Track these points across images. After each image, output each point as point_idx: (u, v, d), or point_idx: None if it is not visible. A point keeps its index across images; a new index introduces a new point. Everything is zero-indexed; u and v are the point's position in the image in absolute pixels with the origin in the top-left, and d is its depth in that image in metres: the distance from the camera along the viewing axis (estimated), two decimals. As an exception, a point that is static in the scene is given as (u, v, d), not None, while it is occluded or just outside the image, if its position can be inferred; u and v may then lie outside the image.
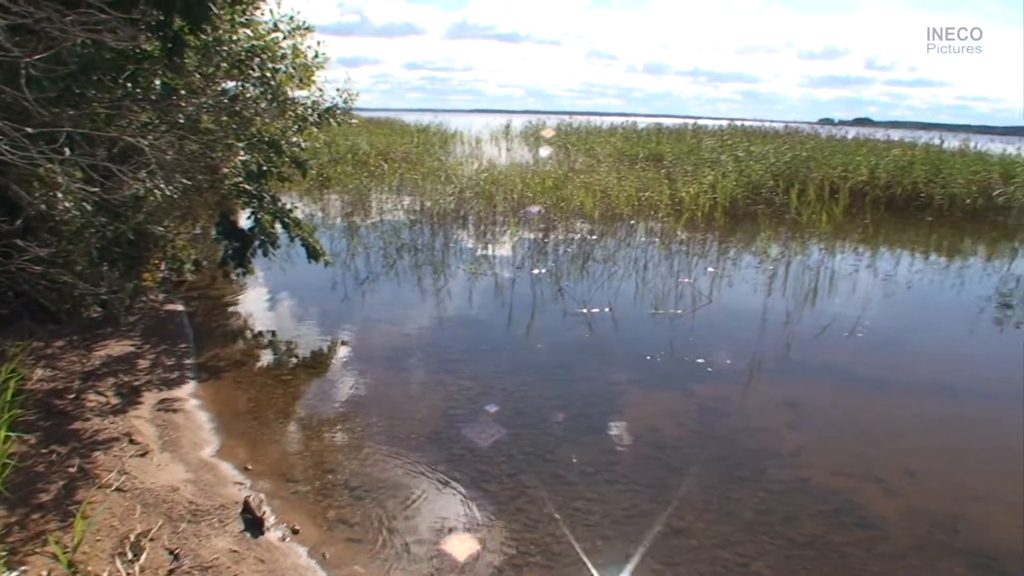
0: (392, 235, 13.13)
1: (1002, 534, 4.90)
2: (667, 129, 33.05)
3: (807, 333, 8.86)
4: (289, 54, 8.17)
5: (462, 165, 20.63)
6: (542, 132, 29.25)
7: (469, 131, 38.56)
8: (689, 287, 10.51)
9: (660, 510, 4.91)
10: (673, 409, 6.59)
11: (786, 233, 15.30)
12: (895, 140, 26.08)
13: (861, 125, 62.93)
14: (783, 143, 24.03)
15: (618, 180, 17.62)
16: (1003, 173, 20.49)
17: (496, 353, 7.89)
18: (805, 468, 5.63)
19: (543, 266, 11.41)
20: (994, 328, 9.67)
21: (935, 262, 13.87)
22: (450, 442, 5.75)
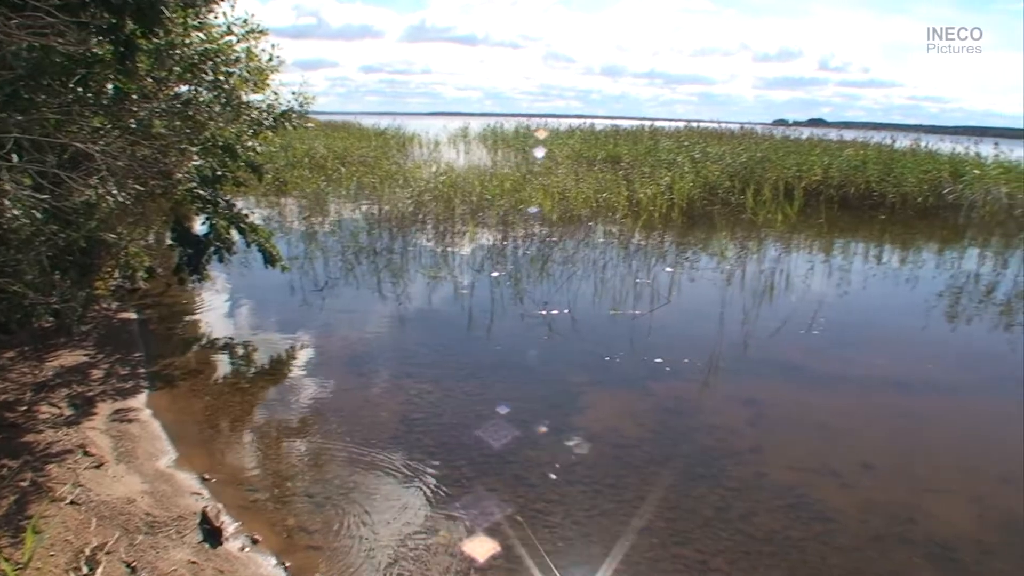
0: (350, 239, 13.04)
1: (957, 524, 5.00)
2: (624, 131, 33.21)
3: (764, 331, 8.96)
4: (243, 57, 8.08)
5: (420, 168, 20.56)
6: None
7: (427, 134, 38.45)
8: (647, 287, 10.58)
9: (621, 509, 4.94)
10: (633, 409, 6.63)
11: (743, 233, 15.49)
12: (848, 140, 26.51)
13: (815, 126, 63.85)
14: (738, 144, 24.32)
15: (576, 182, 17.70)
16: (953, 172, 20.97)
17: (457, 356, 7.86)
18: (763, 464, 5.70)
19: (502, 268, 11.42)
20: (946, 323, 9.87)
21: (888, 259, 14.12)
22: (410, 446, 5.72)
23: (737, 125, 34.69)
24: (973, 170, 21.19)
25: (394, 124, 39.95)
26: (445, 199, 15.95)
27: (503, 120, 45.71)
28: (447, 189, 16.48)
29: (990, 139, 25.34)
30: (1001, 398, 7.59)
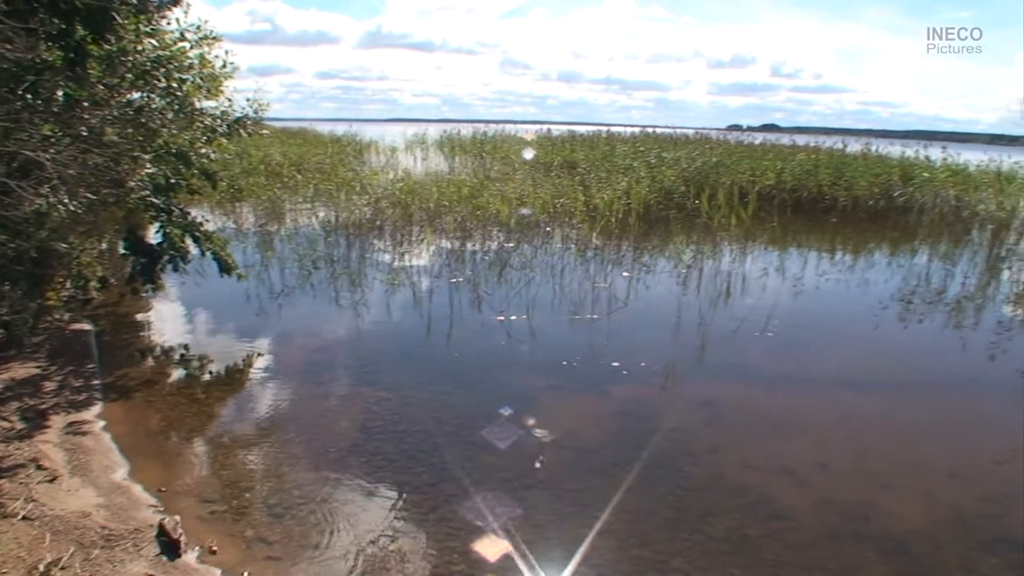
0: (307, 247, 12.94)
1: (908, 519, 5.11)
2: (581, 136, 33.41)
3: (720, 333, 9.07)
4: (196, 64, 7.99)
5: (377, 175, 20.46)
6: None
7: (384, 141, 38.31)
8: (605, 292, 10.65)
9: (582, 512, 4.97)
10: (591, 413, 6.68)
11: (698, 237, 15.65)
12: (800, 145, 26.87)
13: (768, 131, 64.76)
14: (694, 149, 24.54)
15: (533, 187, 17.74)
16: (903, 175, 21.38)
17: (415, 363, 7.84)
18: (720, 465, 5.78)
19: (461, 275, 11.42)
20: (898, 324, 10.07)
21: (841, 261, 14.37)
22: (369, 454, 5.71)
23: (692, 130, 34.98)
24: (922, 173, 21.62)
25: (351, 131, 39.70)
26: (403, 206, 15.91)
27: (460, 126, 45.68)
28: (405, 196, 16.43)
29: (939, 143, 25.90)
30: (951, 396, 7.80)
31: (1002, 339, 9.55)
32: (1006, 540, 4.92)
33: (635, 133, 33.39)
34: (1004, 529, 5.07)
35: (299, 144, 28.89)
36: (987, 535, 4.98)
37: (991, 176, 21.85)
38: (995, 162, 22.82)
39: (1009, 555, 4.73)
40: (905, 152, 24.27)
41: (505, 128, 43.70)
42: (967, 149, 27.66)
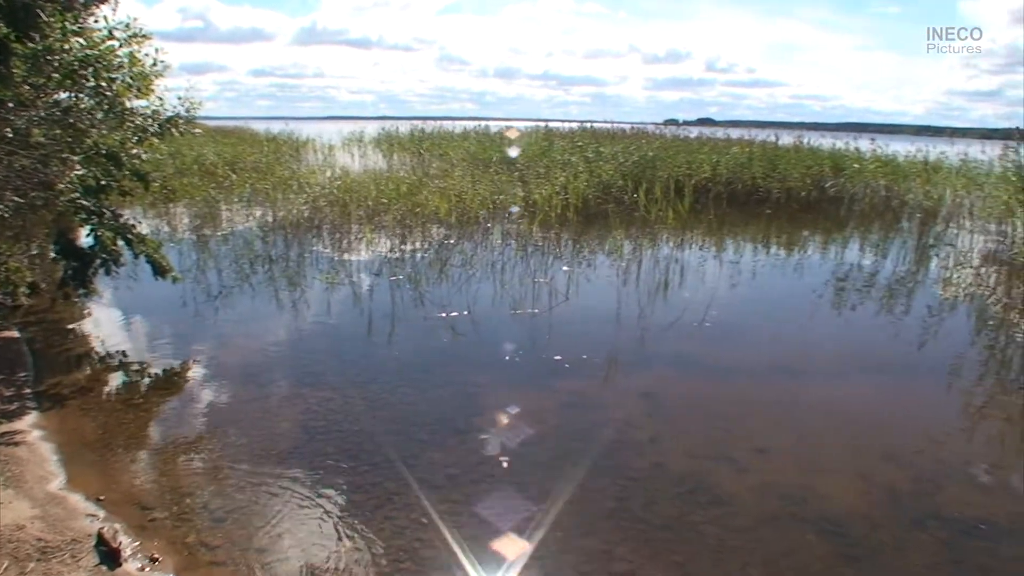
0: (244, 247, 12.76)
1: (845, 501, 5.25)
2: (519, 132, 33.42)
3: (660, 325, 9.20)
4: (126, 63, 7.82)
5: (315, 174, 20.22)
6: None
7: (321, 139, 37.89)
8: (546, 286, 10.71)
9: (525, 505, 5.00)
10: (534, 407, 6.70)
11: (636, 230, 15.82)
12: (735, 138, 27.29)
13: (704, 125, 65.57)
14: (631, 143, 24.72)
15: (472, 184, 17.73)
16: (834, 166, 21.94)
17: (357, 362, 7.80)
18: (662, 454, 5.86)
19: (401, 272, 11.37)
20: (832, 312, 10.32)
21: (776, 252, 14.68)
22: (312, 455, 5.66)
23: (629, 125, 35.26)
24: (853, 165, 22.20)
25: (287, 129, 39.21)
26: (341, 204, 15.77)
27: (398, 124, 45.41)
28: (343, 194, 16.28)
29: (869, 135, 26.51)
30: (884, 380, 8.03)
31: (932, 323, 9.86)
32: (938, 517, 5.08)
33: (573, 128, 33.50)
34: (936, 507, 5.23)
35: (234, 143, 28.42)
36: (920, 513, 5.14)
37: (919, 166, 22.51)
38: (922, 152, 23.48)
39: (940, 532, 4.89)
40: (836, 144, 24.85)
41: (443, 125, 43.54)
42: (896, 140, 28.35)
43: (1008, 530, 4.99)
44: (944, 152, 23.97)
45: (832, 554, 4.61)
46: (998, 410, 7.23)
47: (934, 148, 24.46)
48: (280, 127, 40.51)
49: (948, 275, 12.92)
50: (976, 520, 5.04)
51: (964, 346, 9.00)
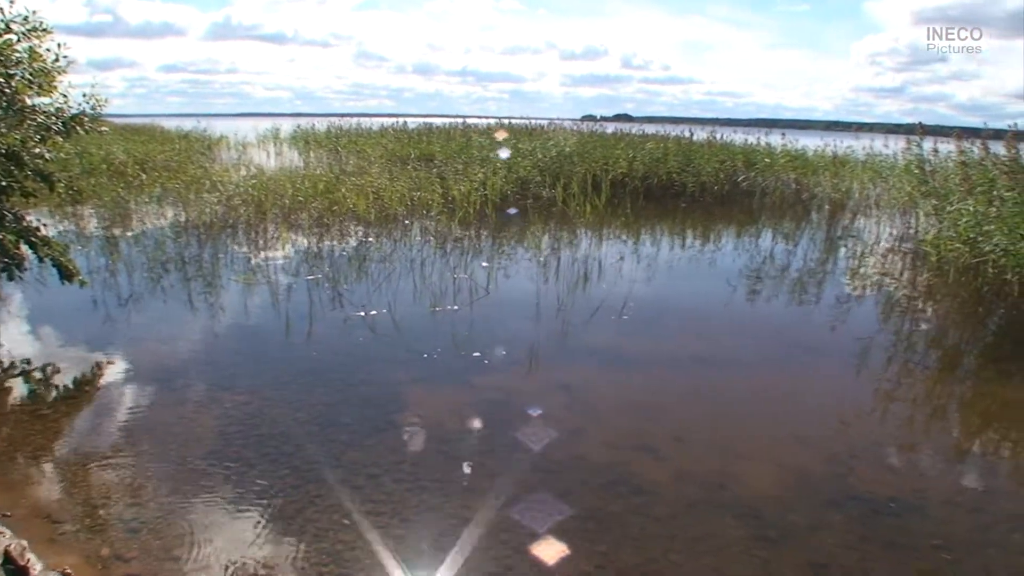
0: (156, 249, 12.41)
1: (760, 485, 5.39)
2: (438, 129, 33.39)
3: (579, 318, 9.29)
4: (26, 58, 7.55)
5: (229, 172, 19.83)
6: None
7: (235, 136, 37.20)
8: (466, 282, 10.72)
9: (448, 503, 4.99)
10: (455, 403, 6.71)
11: (555, 226, 15.95)
12: (650, 134, 27.77)
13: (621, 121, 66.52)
14: (548, 139, 24.93)
15: (390, 181, 17.63)
16: (746, 161, 22.51)
17: (274, 364, 7.65)
18: (582, 446, 5.92)
19: (319, 271, 11.22)
20: (746, 302, 10.59)
21: (691, 245, 15.01)
22: (229, 460, 5.53)
23: (547, 121, 35.51)
24: (764, 159, 22.83)
25: (199, 126, 38.34)
26: (256, 203, 15.48)
27: (315, 120, 44.89)
28: (258, 192, 15.98)
29: (780, 130, 27.32)
30: (797, 366, 8.31)
31: (841, 311, 10.23)
32: (851, 497, 5.26)
33: (491, 124, 33.64)
34: (849, 487, 5.43)
35: (144, 141, 27.67)
36: (834, 494, 5.31)
37: (827, 160, 23.29)
38: (830, 147, 24.30)
39: (853, 511, 5.06)
40: (748, 139, 25.53)
41: (361, 122, 43.22)
42: (805, 135, 29.23)
43: (915, 506, 5.19)
44: (851, 146, 24.87)
45: (749, 536, 4.71)
46: (905, 392, 7.55)
47: (841, 143, 25.33)
48: (192, 124, 39.60)
49: (856, 264, 13.40)
50: (886, 498, 5.24)
51: (872, 332, 9.33)
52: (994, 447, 6.53)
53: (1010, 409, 7.38)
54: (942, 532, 4.87)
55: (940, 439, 6.52)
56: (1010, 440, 6.70)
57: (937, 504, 5.28)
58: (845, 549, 4.62)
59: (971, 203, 11.57)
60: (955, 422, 7.08)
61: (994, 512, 5.23)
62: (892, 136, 25.67)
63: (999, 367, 8.47)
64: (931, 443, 6.38)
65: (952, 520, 5.07)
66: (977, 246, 10.56)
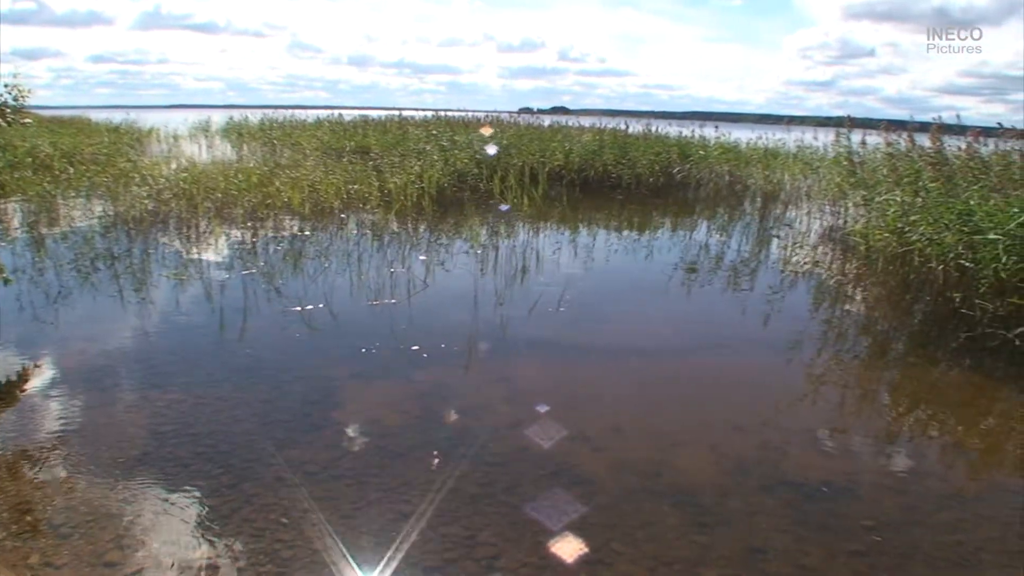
0: (84, 245, 12.07)
1: (697, 472, 5.50)
2: (374, 121, 33.17)
3: (518, 310, 9.31)
4: (-58, 49, 7.28)
5: (159, 165, 19.40)
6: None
7: (166, 128, 36.46)
8: (404, 276, 10.65)
9: (387, 498, 4.96)
10: (393, 398, 6.68)
11: (492, 218, 15.96)
12: (587, 126, 27.96)
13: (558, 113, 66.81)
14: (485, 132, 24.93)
15: (326, 174, 17.45)
16: (680, 153, 22.84)
17: (208, 361, 7.51)
18: (522, 438, 5.94)
19: (254, 266, 11.04)
20: (681, 291, 10.73)
21: (628, 236, 15.15)
22: (162, 461, 5.41)
23: (484, 113, 35.49)
24: (698, 151, 23.19)
25: (129, 118, 37.48)
26: (188, 196, 15.17)
27: (248, 112, 44.18)
28: (189, 186, 15.66)
29: (713, 123, 27.75)
30: (732, 355, 8.42)
31: (775, 300, 10.43)
32: (784, 482, 5.39)
33: (428, 117, 33.51)
34: (782, 473, 5.55)
35: (71, 134, 26.94)
36: (767, 480, 5.43)
37: (759, 152, 23.78)
38: (762, 139, 24.80)
39: (786, 495, 5.19)
40: (683, 132, 25.91)
41: (295, 114, 42.70)
42: (738, 128, 29.72)
43: (846, 488, 5.35)
44: (782, 139, 25.40)
45: (687, 523, 4.80)
46: (836, 378, 7.76)
47: (773, 135, 25.89)
48: (122, 116, 38.69)
49: (788, 254, 13.66)
50: (818, 482, 5.38)
51: (804, 320, 9.56)
52: (921, 430, 6.73)
53: (936, 392, 7.63)
54: (872, 513, 5.01)
55: (870, 423, 6.70)
56: (936, 422, 6.92)
57: (867, 486, 5.44)
58: (779, 532, 4.73)
59: (898, 194, 11.88)
60: (884, 406, 7.28)
61: (921, 493, 5.42)
62: (822, 129, 26.21)
63: (926, 352, 8.72)
64: (861, 427, 6.55)
65: (882, 501, 5.22)
66: (904, 236, 10.85)
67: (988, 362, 8.17)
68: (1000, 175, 11.84)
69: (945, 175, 12.19)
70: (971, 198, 10.32)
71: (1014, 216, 8.99)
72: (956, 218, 9.84)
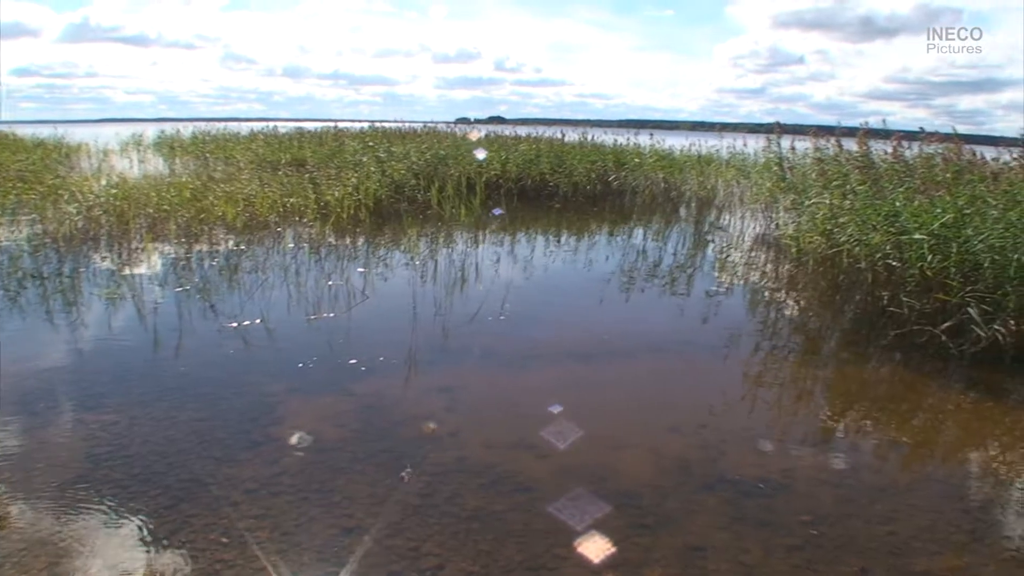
0: (11, 265, 11.73)
1: (638, 475, 5.59)
2: (309, 133, 32.90)
3: (458, 321, 9.33)
4: None
5: (89, 181, 18.93)
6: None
7: (96, 143, 35.61)
8: (342, 289, 10.59)
9: (329, 513, 4.94)
10: (333, 412, 6.63)
11: (431, 229, 15.98)
12: (523, 136, 28.15)
13: (495, 123, 67.04)
14: (422, 142, 24.93)
15: (261, 187, 17.26)
16: (616, 161, 23.15)
17: (142, 381, 7.36)
18: (463, 447, 5.97)
19: (189, 283, 10.86)
20: (620, 297, 10.89)
21: (566, 244, 15.29)
22: (97, 483, 5.30)
23: (421, 124, 35.41)
24: (634, 159, 23.53)
25: (57, 133, 36.56)
26: (119, 213, 14.84)
27: (180, 125, 43.45)
28: (121, 202, 15.33)
29: (648, 130, 28.18)
30: (671, 358, 8.58)
31: (711, 303, 10.66)
32: (723, 480, 5.54)
33: (364, 128, 33.34)
34: (720, 471, 5.69)
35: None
36: (706, 479, 5.57)
37: (693, 159, 24.27)
38: (696, 146, 25.28)
39: (725, 493, 5.33)
40: (618, 140, 26.27)
41: (229, 126, 42.12)
42: (672, 135, 30.27)
43: (783, 485, 5.50)
44: (715, 146, 25.95)
45: (629, 524, 4.88)
46: (772, 378, 7.96)
47: (707, 142, 26.42)
48: (49, 131, 37.73)
49: (723, 258, 13.96)
50: (756, 480, 5.53)
51: (740, 322, 9.80)
52: (855, 425, 6.94)
53: (868, 389, 7.88)
54: (809, 508, 5.16)
55: (805, 421, 6.90)
56: (869, 418, 7.15)
57: (803, 482, 5.60)
58: (719, 531, 4.84)
59: (827, 197, 12.19)
60: (818, 404, 7.48)
61: (856, 486, 5.60)
62: (754, 135, 26.88)
63: (857, 350, 8.97)
64: (797, 425, 6.74)
65: (818, 496, 5.38)
66: (833, 237, 11.15)
67: (916, 358, 8.45)
68: (924, 177, 12.29)
69: (872, 178, 12.60)
70: (897, 200, 10.65)
71: (938, 216, 9.31)
72: (883, 219, 10.14)
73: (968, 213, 9.29)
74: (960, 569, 4.58)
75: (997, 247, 8.46)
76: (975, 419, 7.07)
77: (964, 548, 4.79)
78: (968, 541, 4.88)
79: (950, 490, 5.69)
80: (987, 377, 7.87)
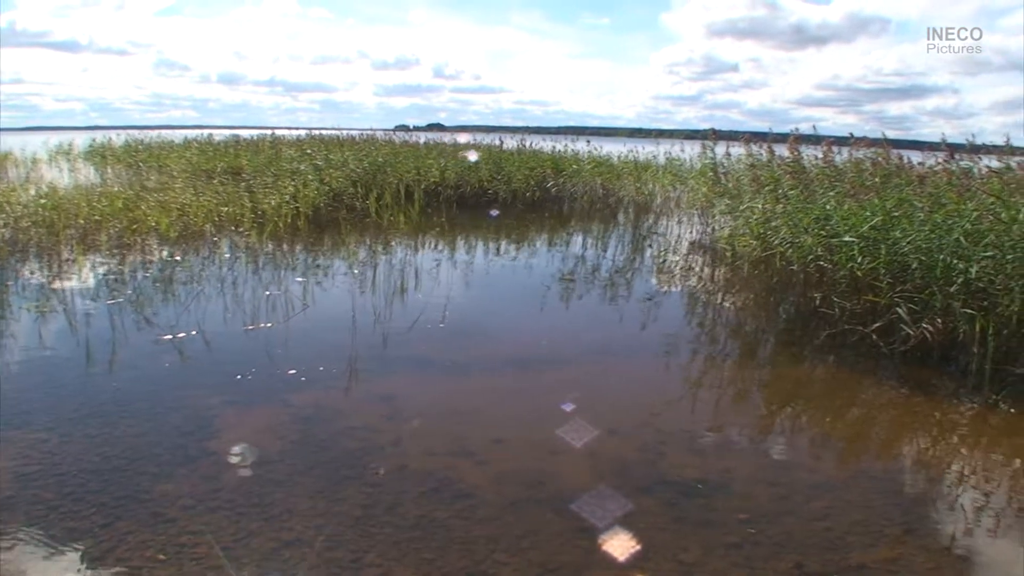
0: (-67, 280, 11.38)
1: (577, 478, 5.66)
2: (246, 140, 32.46)
3: (398, 329, 9.30)
4: None
5: (16, 191, 18.42)
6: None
7: (23, 152, 34.66)
8: (281, 299, 10.48)
9: (269, 527, 4.88)
10: (271, 424, 6.55)
11: (370, 237, 15.91)
12: (462, 143, 28.21)
13: (434, 130, 67.06)
14: (360, 150, 24.80)
15: (196, 196, 16.97)
16: (554, 167, 23.32)
17: (75, 397, 7.16)
18: (403, 456, 5.96)
19: (122, 294, 10.62)
20: (560, 303, 10.97)
21: (506, 250, 15.38)
22: (28, 504, 5.15)
23: (359, 131, 35.22)
24: (572, 166, 23.76)
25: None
26: (48, 223, 14.46)
27: (112, 133, 42.52)
28: (50, 212, 14.93)
29: (586, 137, 28.45)
30: (611, 362, 8.70)
31: (650, 307, 10.84)
32: (662, 481, 5.63)
33: (302, 136, 33.06)
34: (660, 472, 5.79)
35: (-86, 162, 25.35)
36: (646, 480, 5.65)
37: (630, 166, 24.57)
38: (633, 153, 25.61)
39: (664, 494, 5.42)
40: (556, 146, 26.47)
41: (163, 134, 41.40)
42: (610, 142, 30.58)
43: (721, 484, 5.62)
44: (652, 152, 26.29)
45: (571, 529, 4.93)
46: (709, 379, 8.15)
47: (644, 149, 26.78)
48: (-28, 141, 36.61)
49: (661, 263, 14.17)
50: (695, 480, 5.64)
51: (678, 325, 9.97)
52: (790, 424, 7.13)
53: (802, 388, 8.09)
54: (747, 507, 5.27)
55: (742, 421, 7.03)
56: (804, 416, 7.36)
57: (741, 481, 5.72)
58: (659, 531, 4.92)
59: (760, 201, 12.45)
60: (755, 404, 7.66)
61: (792, 484, 5.75)
62: (690, 141, 27.30)
63: (791, 351, 9.19)
64: (734, 425, 6.87)
65: (755, 495, 5.50)
66: (767, 240, 11.38)
67: (849, 357, 8.68)
68: (853, 181, 12.64)
69: (803, 183, 12.92)
70: (827, 203, 10.94)
71: (867, 219, 9.57)
72: (814, 222, 10.39)
73: (896, 216, 9.57)
74: (893, 560, 4.72)
75: (924, 248, 8.72)
76: (906, 415, 7.30)
77: (897, 540, 4.94)
78: (901, 533, 5.03)
79: (883, 485, 5.86)
80: (916, 374, 8.12)
